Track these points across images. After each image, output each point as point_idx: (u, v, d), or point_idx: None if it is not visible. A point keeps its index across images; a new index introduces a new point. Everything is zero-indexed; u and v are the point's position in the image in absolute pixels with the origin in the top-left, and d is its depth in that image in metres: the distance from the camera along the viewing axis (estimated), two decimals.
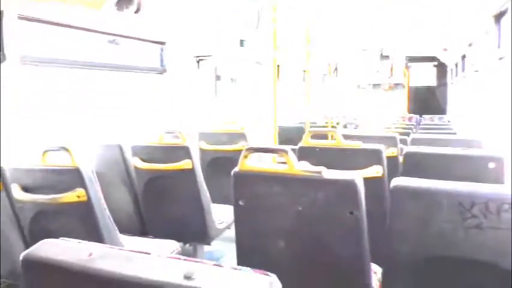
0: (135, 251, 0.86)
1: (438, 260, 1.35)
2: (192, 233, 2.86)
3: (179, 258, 0.83)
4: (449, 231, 1.30)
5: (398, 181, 1.42)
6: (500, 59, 3.20)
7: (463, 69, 6.34)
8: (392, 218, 1.39)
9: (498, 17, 3.44)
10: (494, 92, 3.69)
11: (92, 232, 1.90)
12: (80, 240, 0.92)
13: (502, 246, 1.25)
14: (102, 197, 1.93)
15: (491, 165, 2.07)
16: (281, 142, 5.58)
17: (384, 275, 1.50)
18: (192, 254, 3.01)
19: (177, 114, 4.24)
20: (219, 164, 3.64)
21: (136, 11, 2.65)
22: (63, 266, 0.83)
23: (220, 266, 0.78)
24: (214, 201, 2.90)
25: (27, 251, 0.88)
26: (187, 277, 0.72)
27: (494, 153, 2.13)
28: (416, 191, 1.37)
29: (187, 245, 3.01)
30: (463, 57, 6.30)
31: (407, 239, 1.37)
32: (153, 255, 0.84)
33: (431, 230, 1.33)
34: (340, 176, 1.56)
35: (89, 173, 1.87)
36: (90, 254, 0.84)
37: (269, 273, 0.75)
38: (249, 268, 0.77)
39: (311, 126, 5.84)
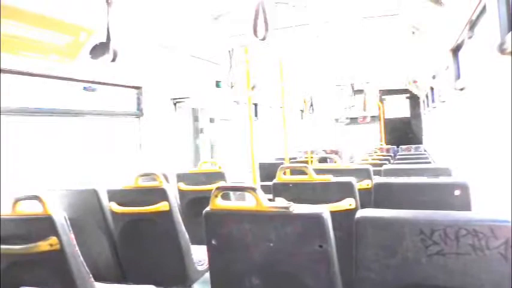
0: None
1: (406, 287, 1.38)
2: (172, 276, 2.82)
3: None
4: (413, 258, 1.34)
5: (362, 213, 1.47)
6: (462, 89, 3.37)
7: (433, 100, 6.57)
8: (357, 248, 1.42)
9: (455, 51, 3.66)
10: (458, 120, 3.85)
11: (66, 282, 1.87)
12: None
13: (464, 270, 1.29)
14: (75, 244, 1.91)
15: (457, 192, 2.14)
16: (262, 178, 5.63)
17: None
18: None
19: (154, 157, 4.26)
20: (198, 205, 3.62)
21: (113, 60, 2.70)
22: None
23: None
24: (194, 242, 2.88)
25: None
26: None
27: (460, 180, 2.21)
28: (379, 221, 1.41)
29: None
30: (432, 88, 6.55)
31: (374, 267, 1.40)
32: None
33: (397, 258, 1.37)
34: (307, 210, 1.59)
35: (61, 220, 1.86)
36: None
37: None
38: None
39: (291, 162, 5.91)
